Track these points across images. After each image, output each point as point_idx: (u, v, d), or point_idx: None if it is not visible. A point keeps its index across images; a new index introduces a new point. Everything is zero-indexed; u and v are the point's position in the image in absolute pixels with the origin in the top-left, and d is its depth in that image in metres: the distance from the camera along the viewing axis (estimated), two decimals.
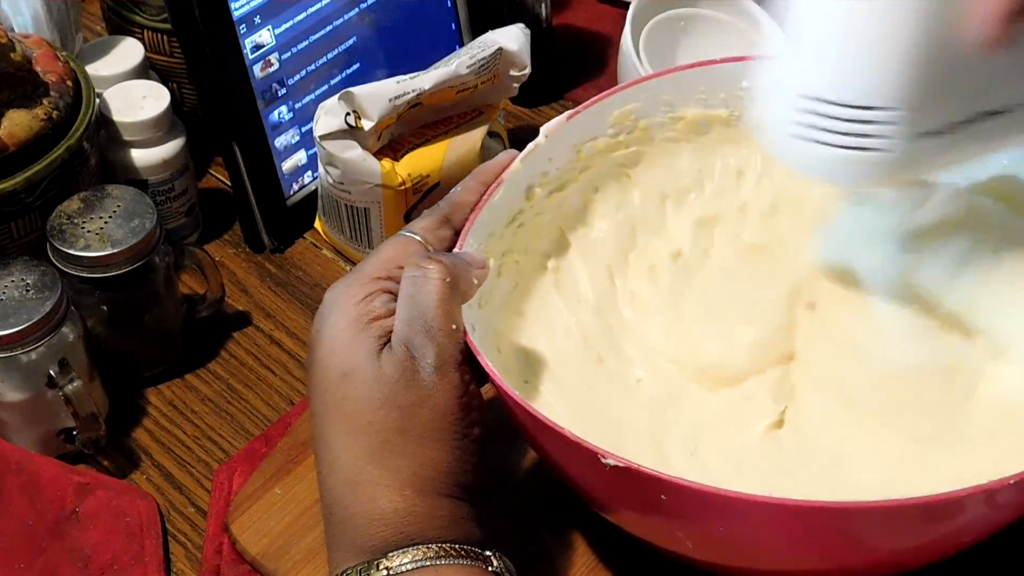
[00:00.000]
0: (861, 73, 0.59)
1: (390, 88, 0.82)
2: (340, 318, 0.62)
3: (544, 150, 0.72)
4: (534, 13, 0.98)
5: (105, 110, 0.86)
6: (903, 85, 0.59)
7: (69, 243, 0.76)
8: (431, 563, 0.58)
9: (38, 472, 0.74)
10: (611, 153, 0.76)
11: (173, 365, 0.84)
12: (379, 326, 0.61)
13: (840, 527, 0.57)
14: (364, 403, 0.60)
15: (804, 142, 0.61)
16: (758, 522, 0.57)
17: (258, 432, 0.80)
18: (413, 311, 0.61)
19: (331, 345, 0.62)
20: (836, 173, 0.63)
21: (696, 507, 0.58)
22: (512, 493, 0.72)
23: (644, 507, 0.61)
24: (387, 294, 0.63)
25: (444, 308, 0.61)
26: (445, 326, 0.61)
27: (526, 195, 0.72)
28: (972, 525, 0.60)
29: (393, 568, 0.58)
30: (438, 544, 0.59)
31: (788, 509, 0.56)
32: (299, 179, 0.92)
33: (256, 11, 0.85)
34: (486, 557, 0.60)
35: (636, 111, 0.75)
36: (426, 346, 0.60)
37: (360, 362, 0.60)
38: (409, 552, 0.59)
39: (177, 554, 0.74)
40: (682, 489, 0.56)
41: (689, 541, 0.61)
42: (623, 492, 0.61)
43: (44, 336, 0.73)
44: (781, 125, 0.62)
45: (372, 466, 0.60)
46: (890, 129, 0.59)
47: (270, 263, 0.91)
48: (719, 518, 0.58)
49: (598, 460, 0.57)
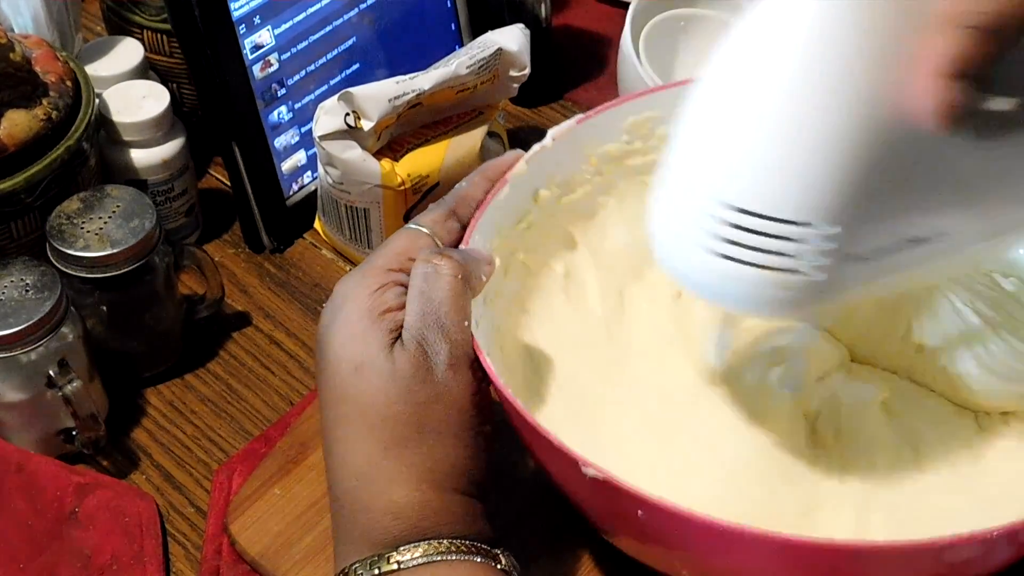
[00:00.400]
0: (792, 183, 0.52)
1: (390, 88, 0.82)
2: (353, 309, 0.62)
3: (551, 153, 0.72)
4: (534, 13, 0.98)
5: (105, 110, 0.86)
6: (839, 198, 0.52)
7: (69, 243, 0.76)
8: (442, 558, 0.58)
9: (38, 472, 0.74)
10: (625, 160, 0.75)
11: (173, 365, 0.84)
12: (391, 318, 0.61)
13: (820, 564, 0.56)
14: (379, 397, 0.60)
15: (716, 260, 0.53)
16: (732, 549, 0.56)
17: (258, 432, 0.80)
18: (425, 307, 0.61)
19: (343, 336, 0.61)
20: (751, 299, 0.54)
21: (673, 529, 0.57)
22: (511, 493, 0.72)
23: (622, 522, 0.60)
24: (399, 286, 0.63)
25: (457, 304, 0.61)
26: (458, 323, 0.61)
27: (533, 197, 0.72)
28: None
29: (404, 562, 0.58)
30: (449, 540, 0.59)
31: (762, 540, 0.54)
32: (299, 179, 0.92)
33: (256, 11, 0.85)
34: (495, 555, 0.60)
35: (654, 119, 0.74)
36: (439, 342, 0.60)
37: (373, 355, 0.60)
38: (421, 546, 0.59)
39: (177, 554, 0.74)
40: (658, 508, 0.55)
41: (666, 560, 0.61)
42: (602, 504, 0.61)
43: (44, 336, 0.73)
44: (689, 239, 0.54)
45: (387, 460, 0.60)
46: (819, 248, 0.52)
47: (270, 263, 0.91)
48: (695, 542, 0.57)
49: (579, 468, 0.57)
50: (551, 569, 0.70)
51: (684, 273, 0.56)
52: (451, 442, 0.60)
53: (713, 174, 0.53)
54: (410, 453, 0.60)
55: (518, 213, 0.71)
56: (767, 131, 0.52)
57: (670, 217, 0.56)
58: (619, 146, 0.74)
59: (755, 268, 0.53)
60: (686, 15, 0.96)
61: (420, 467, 0.60)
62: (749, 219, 0.52)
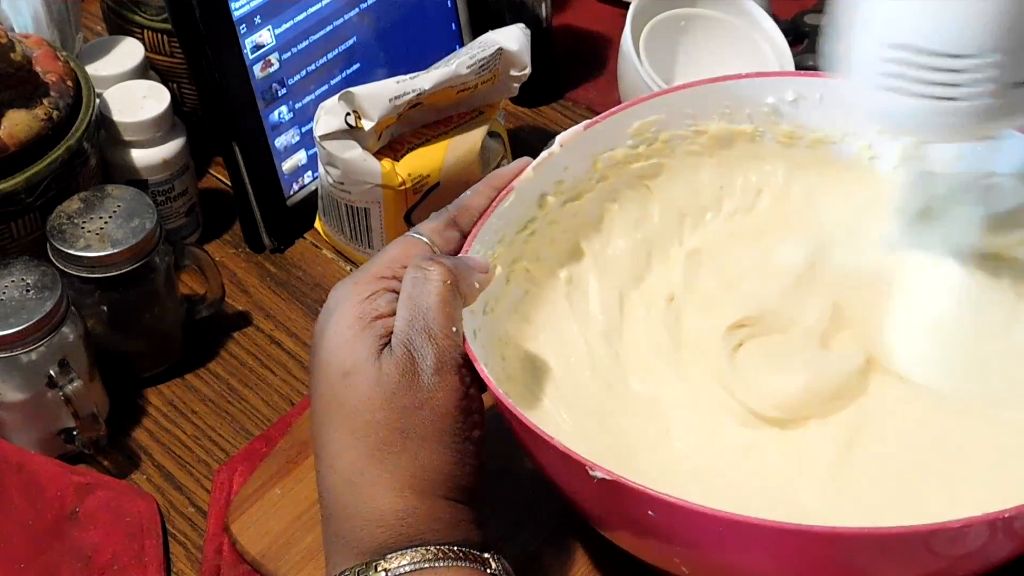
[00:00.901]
0: (956, 19, 0.56)
1: (390, 88, 0.82)
2: (344, 315, 0.62)
3: (559, 159, 0.72)
4: (534, 13, 0.98)
5: (105, 110, 0.86)
6: (999, 30, 0.56)
7: (69, 243, 0.76)
8: (429, 565, 0.58)
9: (38, 472, 0.74)
10: (630, 165, 0.75)
11: (173, 365, 0.84)
12: (381, 325, 0.61)
13: (827, 553, 0.56)
14: (365, 403, 0.60)
15: (891, 94, 0.58)
16: (744, 543, 0.56)
17: (258, 432, 0.80)
18: (414, 311, 0.61)
19: (333, 343, 0.62)
20: (925, 125, 0.60)
21: (684, 525, 0.57)
22: (510, 497, 0.72)
23: (632, 523, 0.60)
24: (391, 293, 0.63)
25: (445, 310, 0.61)
26: (446, 328, 0.61)
27: (539, 204, 0.72)
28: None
29: (392, 570, 0.58)
30: (436, 546, 0.59)
31: (774, 531, 0.55)
32: (299, 179, 0.92)
33: (256, 11, 0.85)
34: (484, 559, 0.60)
35: (658, 123, 0.74)
36: (426, 347, 0.60)
37: (361, 361, 0.60)
38: (408, 554, 0.59)
39: (177, 554, 0.74)
40: (669, 506, 0.55)
41: (679, 560, 0.61)
42: (611, 507, 0.60)
43: (44, 336, 0.73)
44: (866, 75, 0.59)
45: (372, 466, 0.60)
46: (984, 78, 0.57)
47: (270, 263, 0.91)
48: (706, 537, 0.57)
49: (586, 472, 0.57)
50: (551, 569, 0.70)
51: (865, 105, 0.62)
52: (436, 448, 0.60)
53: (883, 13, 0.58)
54: (395, 459, 0.60)
55: (522, 220, 0.71)
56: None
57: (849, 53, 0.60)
58: (624, 151, 0.74)
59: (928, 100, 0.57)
60: (686, 15, 0.96)
61: (404, 473, 0.60)
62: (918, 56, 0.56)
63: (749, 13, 0.96)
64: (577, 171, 0.73)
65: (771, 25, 0.95)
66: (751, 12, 0.96)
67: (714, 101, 0.75)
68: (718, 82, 0.75)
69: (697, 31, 0.97)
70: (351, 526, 0.60)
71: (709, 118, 0.75)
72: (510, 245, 0.71)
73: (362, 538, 0.60)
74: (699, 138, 0.75)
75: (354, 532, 0.60)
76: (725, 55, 0.96)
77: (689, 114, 0.75)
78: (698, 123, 0.75)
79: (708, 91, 0.75)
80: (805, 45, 1.02)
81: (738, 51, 0.96)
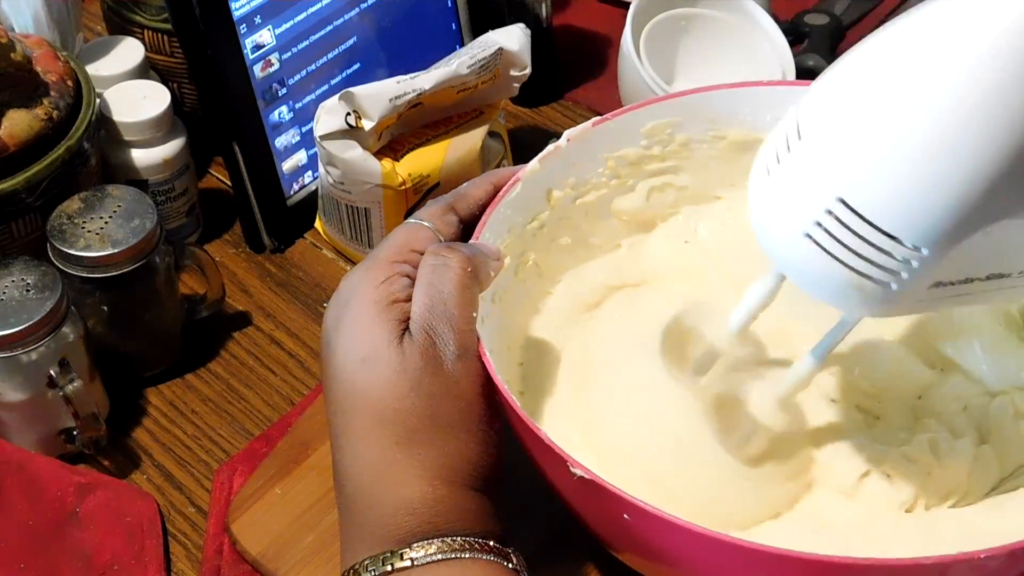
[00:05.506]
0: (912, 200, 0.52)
1: (390, 88, 0.82)
2: (360, 301, 0.61)
3: (565, 154, 0.71)
4: (534, 13, 0.98)
5: (105, 110, 0.86)
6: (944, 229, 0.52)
7: (69, 243, 0.76)
8: (456, 556, 0.58)
9: (38, 472, 0.74)
10: (644, 165, 0.75)
11: (174, 365, 0.84)
12: (399, 309, 0.61)
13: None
14: (389, 390, 0.59)
15: (815, 248, 0.54)
16: (717, 559, 0.56)
17: (258, 432, 0.80)
18: (434, 298, 0.61)
19: (351, 329, 0.61)
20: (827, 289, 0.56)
21: (657, 533, 0.57)
22: (510, 497, 0.72)
23: (609, 525, 0.60)
24: (405, 278, 0.62)
25: (465, 297, 0.61)
26: (466, 315, 0.61)
27: (546, 197, 0.72)
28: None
29: (418, 559, 0.57)
30: (463, 537, 0.59)
31: (743, 550, 0.54)
32: (299, 179, 0.92)
33: (256, 11, 0.85)
34: (507, 554, 0.60)
35: (673, 125, 0.73)
36: (448, 334, 0.60)
37: (382, 347, 0.60)
38: (435, 543, 0.58)
39: (177, 554, 0.74)
40: (643, 512, 0.55)
41: (653, 566, 0.61)
42: (591, 506, 0.60)
43: (44, 336, 0.73)
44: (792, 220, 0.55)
45: (400, 455, 0.59)
46: (907, 268, 0.53)
47: (270, 263, 0.91)
48: (678, 548, 0.57)
49: (567, 468, 0.57)
50: (551, 570, 0.70)
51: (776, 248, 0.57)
52: (463, 436, 0.60)
53: (837, 168, 0.53)
54: (423, 447, 0.59)
55: (530, 213, 0.71)
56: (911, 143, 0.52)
57: (779, 194, 0.56)
58: (637, 151, 0.74)
59: (840, 264, 0.54)
60: (686, 15, 0.96)
61: (433, 462, 0.59)
62: (857, 222, 0.53)
63: (749, 13, 0.96)
64: (585, 167, 0.73)
65: (771, 25, 0.96)
66: (751, 12, 0.96)
67: (734, 106, 0.73)
68: (736, 88, 0.74)
69: (697, 31, 0.97)
70: (377, 514, 0.59)
71: (729, 124, 0.74)
72: (519, 237, 0.70)
73: (388, 526, 0.59)
74: (718, 143, 0.75)
75: (380, 520, 0.59)
76: (725, 55, 0.96)
77: (708, 117, 0.74)
78: (717, 127, 0.74)
79: (723, 96, 0.73)
80: (805, 45, 1.02)
81: (738, 51, 0.96)
